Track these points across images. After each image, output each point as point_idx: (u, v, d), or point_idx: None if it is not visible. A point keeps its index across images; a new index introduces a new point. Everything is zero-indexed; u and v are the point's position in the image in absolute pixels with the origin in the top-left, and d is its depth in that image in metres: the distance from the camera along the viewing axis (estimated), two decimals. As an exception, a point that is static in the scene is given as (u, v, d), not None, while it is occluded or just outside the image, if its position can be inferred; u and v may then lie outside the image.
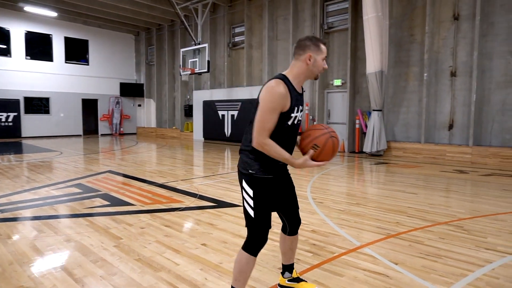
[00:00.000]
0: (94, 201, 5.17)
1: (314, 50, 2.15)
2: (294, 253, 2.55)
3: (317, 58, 2.16)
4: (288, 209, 2.42)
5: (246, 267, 2.20)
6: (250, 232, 2.21)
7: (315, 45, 2.16)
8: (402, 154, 10.60)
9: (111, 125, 20.75)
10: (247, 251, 2.19)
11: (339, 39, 12.21)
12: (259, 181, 2.16)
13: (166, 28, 19.21)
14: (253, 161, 2.16)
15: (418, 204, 5.08)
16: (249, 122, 2.19)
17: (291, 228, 2.46)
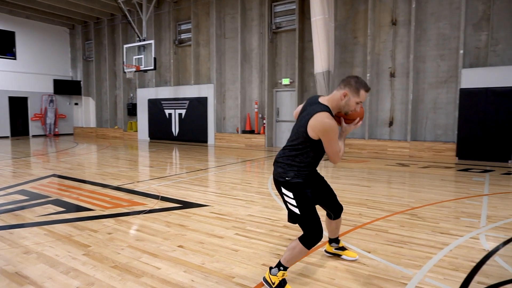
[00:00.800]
0: (46, 208, 4.77)
1: (352, 91, 2.46)
2: (338, 230, 3.09)
3: (352, 99, 2.47)
4: (327, 200, 2.89)
5: (298, 255, 2.53)
6: (304, 229, 2.50)
7: (356, 88, 2.46)
8: (348, 150, 11.23)
9: (44, 125, 19.09)
10: (303, 243, 2.48)
11: (286, 39, 12.54)
12: (295, 185, 2.52)
13: (106, 22, 18.14)
14: (288, 171, 2.55)
15: (374, 196, 5.45)
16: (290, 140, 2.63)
17: (335, 214, 2.96)
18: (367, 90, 2.48)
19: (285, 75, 12.73)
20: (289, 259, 2.53)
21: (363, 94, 2.46)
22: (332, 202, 2.90)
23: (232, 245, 3.43)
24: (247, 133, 13.61)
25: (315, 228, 2.47)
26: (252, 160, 9.83)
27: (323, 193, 2.85)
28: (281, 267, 2.55)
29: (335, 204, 2.92)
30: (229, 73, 14.16)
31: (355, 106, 2.48)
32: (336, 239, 3.12)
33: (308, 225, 2.48)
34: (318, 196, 2.81)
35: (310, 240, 2.47)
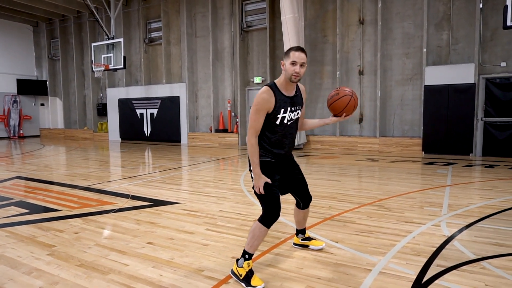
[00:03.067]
0: (8, 210, 4.57)
1: (285, 57, 2.55)
2: (306, 220, 3.15)
3: (286, 63, 2.52)
4: (298, 189, 2.90)
5: (259, 235, 2.56)
6: (263, 207, 2.58)
7: (287, 52, 2.54)
8: (320, 146, 11.44)
9: (8, 127, 18.25)
10: (262, 222, 2.55)
11: (258, 38, 12.61)
12: (262, 164, 2.59)
13: (72, 20, 17.56)
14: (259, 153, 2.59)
15: (344, 189, 5.59)
16: None
17: (304, 204, 2.99)
18: (297, 49, 2.51)
19: (257, 74, 12.79)
20: (252, 243, 2.57)
21: (293, 54, 2.48)
22: (302, 191, 2.92)
23: (202, 240, 3.43)
24: (221, 132, 13.57)
25: (273, 205, 2.54)
26: (225, 158, 9.82)
27: (294, 181, 2.85)
28: (246, 255, 2.59)
29: (305, 193, 2.93)
30: (201, 72, 14.07)
31: (292, 68, 2.46)
32: (303, 230, 3.18)
33: (267, 202, 2.55)
34: (289, 184, 2.83)
35: (268, 218, 2.54)
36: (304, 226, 3.17)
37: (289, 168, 2.83)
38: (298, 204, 3.03)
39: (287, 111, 2.56)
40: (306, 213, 3.09)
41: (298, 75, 2.49)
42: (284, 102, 2.54)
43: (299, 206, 3.03)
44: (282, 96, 2.54)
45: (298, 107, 2.66)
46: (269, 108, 2.49)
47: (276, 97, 2.50)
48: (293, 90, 2.61)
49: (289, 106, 2.57)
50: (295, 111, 2.62)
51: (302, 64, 2.50)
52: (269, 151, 2.62)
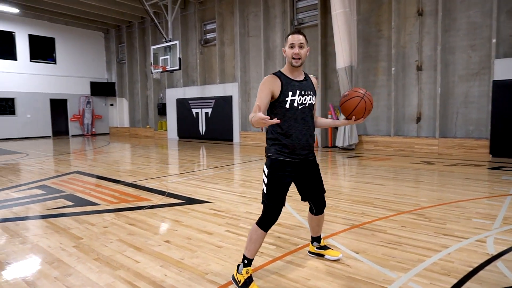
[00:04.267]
0: (57, 202, 4.99)
1: (285, 43, 2.55)
2: (320, 228, 2.94)
3: (286, 48, 2.51)
4: (313, 194, 2.73)
5: (256, 239, 2.49)
6: (263, 209, 2.51)
7: (286, 37, 2.54)
8: (373, 147, 10.82)
9: (82, 125, 20.15)
10: (259, 226, 2.49)
11: (309, 35, 12.29)
12: (275, 163, 2.50)
13: (137, 25, 18.80)
14: (270, 146, 2.55)
15: (385, 195, 5.18)
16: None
17: (317, 210, 2.81)
18: (293, 32, 2.50)
19: (308, 72, 12.48)
20: (249, 246, 2.49)
21: (290, 37, 2.49)
22: (316, 195, 2.73)
23: (218, 242, 3.39)
24: (320, 128, 13.48)
25: (273, 208, 2.47)
26: (271, 158, 9.72)
27: (309, 185, 2.68)
28: (245, 260, 2.50)
29: (319, 199, 2.76)
30: (253, 71, 14.15)
31: (291, 51, 2.47)
32: (318, 238, 2.97)
33: (267, 205, 2.48)
34: (304, 187, 2.69)
35: (265, 221, 2.48)
36: (319, 234, 2.97)
37: (309, 171, 2.65)
38: (311, 209, 2.86)
39: (296, 94, 2.48)
40: (321, 220, 2.90)
41: (298, 56, 2.46)
42: (292, 85, 2.49)
43: (312, 211, 2.86)
44: (288, 79, 2.49)
45: (309, 92, 2.55)
46: (275, 90, 2.43)
47: (281, 80, 2.46)
48: (300, 75, 2.57)
49: (297, 89, 2.49)
50: (306, 95, 2.53)
51: (300, 45, 2.46)
52: (283, 145, 2.48)
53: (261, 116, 2.15)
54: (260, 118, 2.14)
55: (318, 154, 10.27)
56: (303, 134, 2.53)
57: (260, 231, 2.48)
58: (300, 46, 2.45)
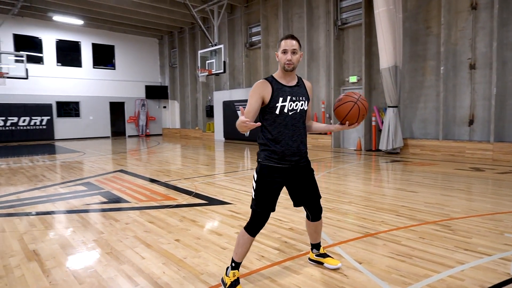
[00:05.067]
0: (94, 198, 5.42)
1: (277, 47, 2.52)
2: (319, 234, 2.87)
3: (279, 53, 2.49)
4: (308, 200, 2.68)
5: (243, 243, 2.51)
6: (251, 214, 2.52)
7: (279, 42, 2.51)
8: (419, 151, 10.19)
9: (138, 126, 21.50)
10: (246, 231, 2.50)
11: (353, 35, 11.94)
12: (264, 168, 2.50)
13: (187, 30, 19.63)
14: (260, 151, 2.56)
15: (414, 203, 4.88)
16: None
17: (313, 216, 2.75)
18: (286, 37, 2.47)
19: (353, 73, 12.12)
20: (237, 250, 2.52)
21: (284, 43, 2.46)
22: (311, 202, 2.68)
23: (224, 243, 3.46)
24: (314, 133, 13.32)
25: (260, 215, 2.47)
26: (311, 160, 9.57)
27: (302, 191, 2.64)
28: (233, 263, 2.54)
29: (313, 205, 2.70)
30: (297, 73, 13.98)
31: (284, 57, 2.45)
32: (317, 245, 2.90)
33: (255, 210, 2.48)
34: (296, 193, 2.65)
35: (252, 226, 2.49)
36: (318, 241, 2.90)
37: (302, 177, 2.61)
38: (308, 216, 2.80)
39: (286, 100, 2.46)
40: (318, 226, 2.83)
41: (290, 62, 2.44)
42: (283, 90, 2.48)
43: (308, 218, 2.80)
44: (280, 84, 2.49)
45: (300, 98, 2.53)
46: (266, 96, 2.43)
47: (272, 86, 2.46)
48: (292, 80, 2.55)
49: (288, 95, 2.48)
50: (297, 101, 2.50)
51: (293, 51, 2.44)
52: (272, 151, 2.47)
53: (242, 119, 2.19)
54: (241, 121, 2.19)
55: (361, 158, 9.92)
56: (294, 140, 2.51)
57: (247, 235, 2.50)
58: (293, 52, 2.44)
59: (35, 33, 17.60)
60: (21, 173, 7.87)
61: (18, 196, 5.67)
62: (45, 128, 18.05)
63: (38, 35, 17.70)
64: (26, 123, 17.50)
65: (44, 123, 18.01)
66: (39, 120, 17.85)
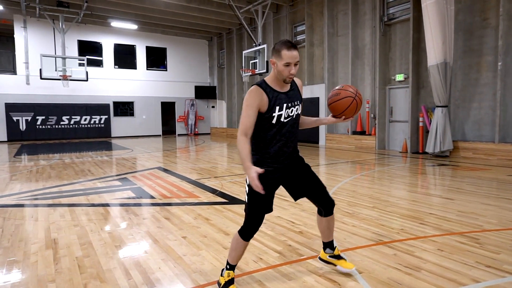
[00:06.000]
0: (124, 193, 5.72)
1: (276, 56, 2.27)
2: (331, 231, 2.74)
3: (278, 64, 2.27)
4: (314, 193, 2.58)
5: (236, 247, 2.46)
6: (245, 218, 2.44)
7: (277, 50, 2.26)
8: (471, 155, 9.34)
9: (187, 125, 22.33)
10: (239, 234, 2.44)
11: (401, 31, 11.27)
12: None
13: (235, 31, 19.95)
14: (253, 154, 2.39)
15: (445, 211, 4.48)
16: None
17: (325, 210, 2.64)
18: (289, 48, 2.22)
19: (399, 71, 11.45)
20: (231, 253, 2.49)
21: (287, 54, 2.21)
22: (319, 194, 2.58)
23: (228, 243, 3.45)
24: (358, 134, 12.83)
25: (254, 217, 2.40)
26: (349, 162, 9.24)
27: (307, 185, 2.56)
28: (227, 265, 2.52)
29: (324, 197, 2.60)
30: (341, 72, 13.63)
31: (287, 70, 2.24)
32: (331, 244, 2.75)
33: (248, 214, 2.41)
34: (302, 187, 2.57)
35: (245, 231, 2.42)
36: (331, 239, 2.74)
37: (297, 171, 2.55)
38: (320, 211, 2.70)
39: (283, 108, 2.35)
40: (331, 222, 2.70)
41: (293, 76, 2.30)
42: (279, 98, 2.34)
43: (320, 213, 2.70)
44: (275, 92, 2.34)
45: (295, 103, 2.43)
46: (262, 106, 2.29)
47: (268, 94, 2.31)
48: (287, 86, 2.41)
49: (285, 103, 2.36)
50: (292, 107, 2.40)
51: (296, 63, 2.26)
52: (266, 154, 2.40)
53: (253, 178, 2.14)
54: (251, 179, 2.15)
55: (405, 161, 9.34)
56: (288, 146, 2.45)
57: (241, 240, 2.43)
58: (296, 64, 2.27)
59: (96, 38, 19.06)
60: (71, 168, 8.56)
61: (60, 188, 6.17)
62: (103, 126, 19.47)
63: (99, 40, 19.14)
64: (87, 122, 19.02)
65: (102, 121, 19.44)
66: (98, 119, 19.30)
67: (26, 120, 17.51)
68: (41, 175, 7.53)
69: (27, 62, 17.03)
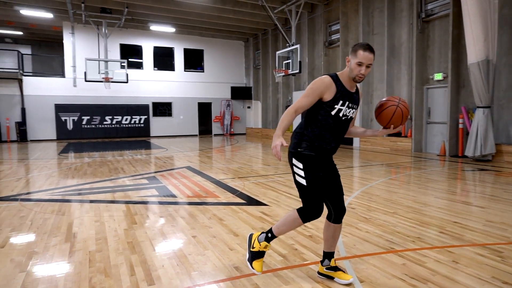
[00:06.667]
0: (148, 191, 5.94)
1: (352, 54, 2.42)
2: (335, 241, 2.71)
3: (352, 62, 2.41)
4: (333, 195, 2.62)
5: (290, 224, 2.57)
6: (304, 202, 2.52)
7: (354, 50, 2.42)
8: (517, 160, 8.64)
9: (223, 125, 22.68)
10: (299, 215, 2.52)
11: (440, 27, 10.69)
12: (306, 157, 2.50)
13: (270, 32, 19.97)
14: (302, 141, 2.52)
15: (472, 220, 4.19)
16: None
17: (336, 216, 2.64)
18: (365, 49, 2.36)
19: (438, 69, 10.86)
20: (281, 226, 2.58)
21: (361, 54, 2.35)
22: (337, 198, 2.62)
23: (235, 244, 3.47)
24: (393, 136, 12.34)
25: (316, 203, 2.48)
26: (379, 165, 8.92)
27: (331, 186, 2.60)
28: (269, 234, 2.65)
29: (339, 203, 2.62)
30: (377, 71, 13.19)
31: (358, 69, 2.37)
32: (330, 254, 2.69)
33: (310, 198, 2.48)
34: (326, 187, 2.60)
35: (308, 214, 2.49)
36: (332, 250, 2.70)
37: (329, 168, 2.63)
38: (329, 216, 2.66)
39: (345, 105, 2.46)
40: (337, 231, 2.67)
41: (363, 76, 2.41)
42: (345, 94, 2.46)
43: (330, 218, 2.66)
44: (343, 88, 2.46)
45: (355, 106, 2.56)
46: (328, 94, 2.41)
47: (337, 86, 2.43)
48: (354, 87, 2.53)
49: (348, 101, 2.47)
50: (351, 109, 2.52)
51: (368, 65, 2.39)
52: (311, 144, 2.49)
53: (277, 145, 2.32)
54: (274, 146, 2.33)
55: (441, 164, 8.86)
56: (336, 141, 2.56)
57: (299, 220, 2.52)
58: (368, 66, 2.38)
59: (136, 42, 19.93)
60: (107, 166, 9.02)
61: (92, 185, 6.53)
62: (143, 126, 20.31)
63: (139, 43, 19.99)
64: (127, 122, 19.94)
65: (142, 121, 20.28)
66: (138, 119, 20.16)
67: (73, 120, 18.70)
68: (78, 172, 8.02)
69: (74, 66, 18.20)
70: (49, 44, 23.13)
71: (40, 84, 18.22)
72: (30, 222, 4.25)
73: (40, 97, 18.10)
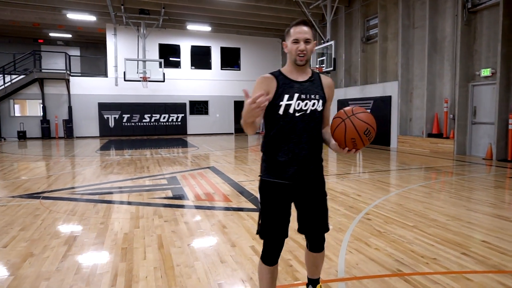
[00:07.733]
0: (163, 192, 5.93)
1: (287, 37, 2.10)
2: (318, 269, 2.39)
3: (289, 44, 2.07)
4: (306, 222, 2.22)
5: (261, 275, 2.19)
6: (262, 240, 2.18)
7: (287, 32, 2.10)
8: None
9: (258, 124, 22.54)
10: (260, 259, 2.18)
11: (488, 18, 9.71)
12: (266, 185, 2.12)
13: (306, 28, 19.45)
14: (262, 163, 2.18)
15: (506, 240, 3.66)
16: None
17: (311, 244, 2.30)
18: (297, 24, 2.04)
19: (486, 65, 9.89)
20: (259, 282, 2.23)
21: (293, 31, 2.04)
22: (312, 230, 2.23)
23: (227, 257, 3.28)
24: (434, 136, 11.48)
25: (271, 241, 2.11)
26: (416, 168, 8.29)
27: (304, 212, 2.21)
28: None
29: (314, 230, 2.22)
30: (417, 68, 12.33)
31: (295, 47, 2.02)
32: (314, 281, 2.42)
33: (265, 238, 2.14)
34: (301, 215, 2.23)
35: (265, 254, 2.14)
36: (316, 277, 2.41)
37: (309, 192, 2.17)
38: (307, 244, 2.34)
39: (293, 98, 2.03)
40: (318, 259, 2.33)
41: (303, 54, 2.02)
42: (290, 86, 2.05)
43: (307, 245, 2.34)
44: (287, 79, 2.07)
45: (312, 96, 2.07)
46: (271, 93, 2.03)
47: (278, 81, 2.06)
48: (303, 75, 2.11)
49: (296, 92, 2.04)
50: (307, 100, 2.06)
51: (306, 40, 2.02)
52: (273, 161, 2.08)
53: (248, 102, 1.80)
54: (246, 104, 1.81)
55: (485, 170, 8.05)
56: (301, 148, 2.06)
57: (262, 265, 2.16)
58: (306, 41, 2.02)
59: (174, 41, 20.35)
60: (134, 164, 9.23)
61: (112, 184, 6.66)
62: (180, 124, 20.74)
63: (177, 43, 20.40)
64: (165, 120, 20.46)
65: (179, 119, 20.71)
66: (175, 117, 20.61)
67: (114, 118, 19.53)
68: (105, 170, 8.26)
69: (116, 66, 18.99)
70: (96, 46, 24.35)
71: (85, 84, 19.23)
72: (41, 221, 4.36)
73: (85, 96, 19.09)
